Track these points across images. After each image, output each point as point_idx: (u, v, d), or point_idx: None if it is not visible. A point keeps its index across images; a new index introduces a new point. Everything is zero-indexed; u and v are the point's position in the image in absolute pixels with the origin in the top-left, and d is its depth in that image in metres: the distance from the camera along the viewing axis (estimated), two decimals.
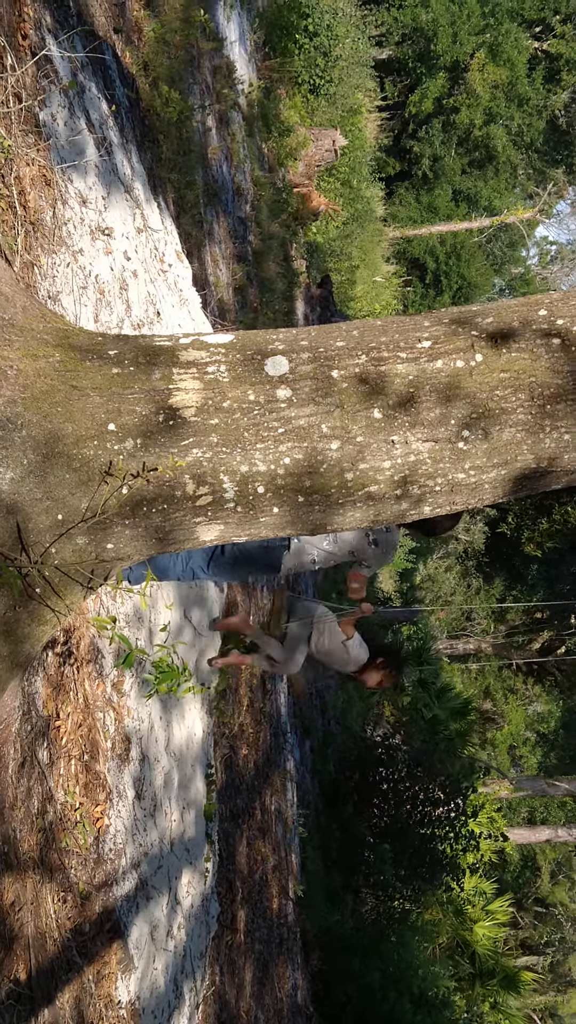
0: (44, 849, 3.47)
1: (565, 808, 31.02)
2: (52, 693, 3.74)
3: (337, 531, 2.60)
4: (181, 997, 5.03)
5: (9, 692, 3.08)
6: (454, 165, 35.73)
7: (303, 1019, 8.29)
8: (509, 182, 37.65)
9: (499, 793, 21.86)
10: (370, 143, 29.00)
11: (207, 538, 2.51)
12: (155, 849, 4.82)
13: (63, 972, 3.49)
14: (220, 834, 6.34)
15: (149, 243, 6.12)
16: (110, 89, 5.86)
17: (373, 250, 28.57)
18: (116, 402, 2.37)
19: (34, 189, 4.26)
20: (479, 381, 2.44)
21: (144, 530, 2.41)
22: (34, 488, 2.30)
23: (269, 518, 2.47)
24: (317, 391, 2.42)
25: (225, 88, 9.94)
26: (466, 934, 13.19)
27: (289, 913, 8.11)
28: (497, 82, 33.58)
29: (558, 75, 35.05)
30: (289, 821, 8.72)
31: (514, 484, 2.53)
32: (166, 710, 5.30)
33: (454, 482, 2.48)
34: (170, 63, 7.24)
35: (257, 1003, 6.74)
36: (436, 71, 33.28)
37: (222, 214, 9.14)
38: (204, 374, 2.43)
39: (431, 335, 2.50)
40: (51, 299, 4.27)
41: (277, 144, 13.73)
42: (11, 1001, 3.06)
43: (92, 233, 4.98)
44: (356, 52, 20.75)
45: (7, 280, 2.56)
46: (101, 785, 4.12)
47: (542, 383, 2.44)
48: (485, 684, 35.42)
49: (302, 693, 7.59)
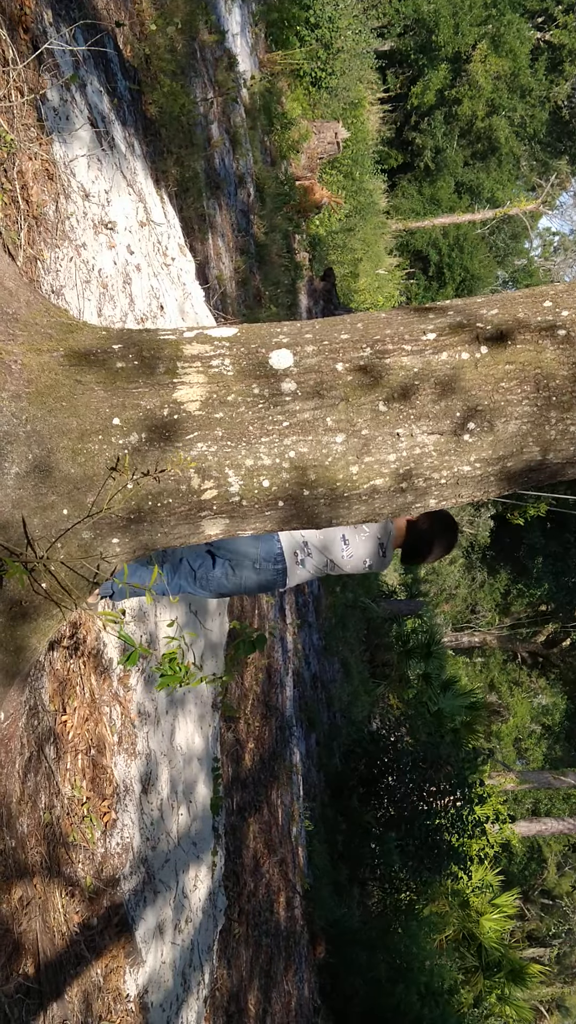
0: (51, 844, 3.48)
1: (570, 800, 31.06)
2: (58, 688, 3.74)
3: (344, 524, 2.59)
4: (189, 990, 5.04)
5: (16, 687, 3.08)
6: (456, 157, 35.65)
7: (310, 1012, 8.30)
8: (512, 173, 37.55)
9: (505, 786, 21.89)
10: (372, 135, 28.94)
11: (212, 532, 2.51)
12: (162, 843, 4.82)
13: (71, 966, 3.50)
14: (227, 828, 6.35)
15: (152, 236, 6.11)
16: (112, 83, 5.85)
17: (376, 243, 28.54)
18: (120, 396, 2.36)
19: (37, 183, 4.26)
20: (484, 373, 2.43)
21: (149, 524, 2.41)
22: (39, 483, 2.30)
23: (274, 511, 2.47)
24: (322, 384, 2.42)
25: (227, 81, 9.92)
26: (473, 927, 13.22)
27: (296, 906, 8.12)
28: (499, 73, 33.48)
29: (561, 66, 34.95)
30: (295, 814, 8.73)
31: (520, 476, 2.53)
32: (172, 704, 5.30)
33: (459, 474, 2.47)
34: (172, 56, 7.23)
35: (264, 996, 6.75)
36: (438, 62, 33.20)
37: (225, 207, 9.12)
38: (208, 368, 2.43)
39: (435, 327, 2.49)
40: (54, 293, 4.27)
41: (279, 137, 13.71)
42: (20, 995, 3.07)
43: (95, 227, 4.97)
44: (358, 44, 20.68)
45: (10, 275, 2.55)
46: (108, 780, 4.13)
47: (547, 374, 2.43)
48: (490, 677, 35.47)
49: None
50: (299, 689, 10.16)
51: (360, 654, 15.73)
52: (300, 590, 11.30)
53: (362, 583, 17.30)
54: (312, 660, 11.59)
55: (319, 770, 10.91)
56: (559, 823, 23.75)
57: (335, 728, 12.44)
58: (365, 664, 15.96)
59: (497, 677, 35.54)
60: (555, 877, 31.75)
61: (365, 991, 9.22)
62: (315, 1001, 8.61)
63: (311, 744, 10.57)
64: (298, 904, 8.21)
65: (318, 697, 11.61)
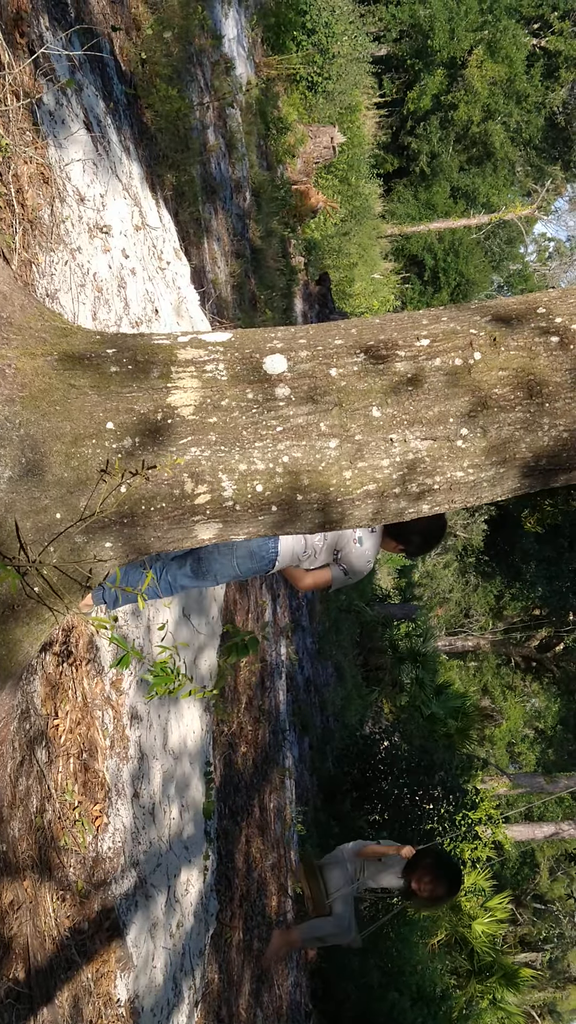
0: (43, 848, 3.47)
1: (563, 804, 31.06)
2: (51, 692, 3.74)
3: (337, 529, 2.59)
4: (180, 995, 5.03)
5: (7, 691, 3.08)
6: (452, 162, 35.69)
7: (302, 1016, 8.29)
8: (507, 179, 37.61)
9: (497, 790, 21.89)
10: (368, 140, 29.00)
11: (205, 536, 2.51)
12: (154, 847, 4.82)
13: (62, 971, 3.49)
14: (219, 832, 6.34)
15: (147, 240, 6.11)
16: (108, 86, 5.86)
17: (371, 247, 28.58)
18: (114, 401, 2.36)
19: (32, 187, 4.26)
20: (478, 379, 2.44)
21: (142, 529, 2.41)
22: (32, 487, 2.30)
23: (268, 516, 2.47)
24: (315, 389, 2.42)
25: (223, 86, 9.92)
26: (465, 931, 13.20)
27: (288, 911, 8.11)
28: (495, 79, 33.53)
29: (556, 72, 34.99)
30: (288, 818, 8.73)
31: (513, 482, 2.53)
32: (165, 708, 5.30)
33: (453, 480, 2.47)
34: (168, 60, 7.23)
35: (256, 1000, 6.74)
36: (434, 68, 33.24)
37: (220, 211, 9.13)
38: (202, 373, 2.43)
39: (429, 333, 2.50)
40: (49, 297, 4.27)
41: (275, 141, 13.72)
42: (10, 1000, 3.06)
43: (90, 231, 4.97)
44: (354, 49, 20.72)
45: (5, 278, 2.55)
46: (100, 784, 4.12)
47: (541, 380, 2.43)
48: (483, 681, 35.46)
49: (319, 910, 7.25)
50: (292, 693, 10.16)
51: (353, 658, 15.74)
52: (295, 593, 11.30)
53: (356, 587, 17.30)
54: (306, 664, 11.59)
55: (312, 774, 10.90)
56: (552, 827, 23.76)
57: (328, 732, 12.44)
58: (358, 668, 15.97)
59: (490, 681, 35.54)
60: (548, 881, 31.74)
61: (357, 996, 9.21)
62: (306, 1006, 8.60)
63: (304, 748, 10.57)
64: (290, 908, 8.20)
65: (311, 701, 11.61)
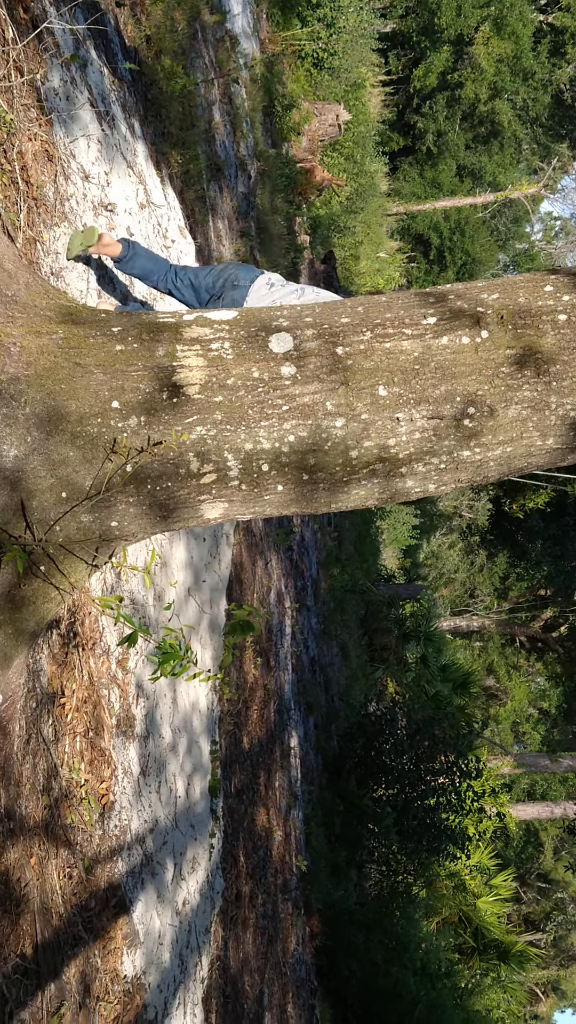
0: (49, 825, 3.49)
1: (567, 783, 31.18)
2: (57, 671, 3.74)
3: (342, 509, 2.58)
4: (186, 971, 5.07)
5: (14, 669, 3.08)
6: (458, 140, 35.46)
7: (307, 993, 8.35)
8: (514, 157, 37.38)
9: (501, 769, 21.95)
10: (374, 118, 28.76)
11: (212, 516, 2.50)
12: (160, 825, 4.84)
13: (69, 947, 3.52)
14: (225, 810, 6.37)
15: (152, 218, 6.08)
16: (112, 63, 5.81)
17: (377, 226, 28.41)
18: (120, 379, 2.35)
19: (36, 164, 4.23)
20: (485, 358, 2.42)
21: (148, 508, 2.40)
22: (38, 466, 2.29)
23: (273, 496, 2.46)
24: (322, 368, 2.41)
25: (228, 62, 9.85)
26: (469, 909, 13.28)
27: (293, 888, 8.16)
28: (502, 56, 33.26)
29: (563, 49, 34.71)
30: (293, 797, 8.76)
31: (520, 462, 2.52)
32: (171, 687, 5.31)
33: (459, 459, 2.46)
34: (172, 36, 7.17)
35: (261, 977, 6.79)
36: (440, 45, 32.95)
37: (225, 189, 9.07)
38: (208, 351, 2.42)
39: (436, 311, 2.48)
40: (54, 275, 4.25)
41: (281, 119, 13.62)
42: (18, 976, 3.08)
43: (95, 208, 4.94)
44: (360, 25, 20.51)
45: (10, 256, 2.54)
46: (106, 761, 4.14)
47: (548, 359, 2.42)
48: (488, 661, 35.53)
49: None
50: (297, 672, 10.18)
51: (358, 638, 15.76)
52: (300, 573, 11.31)
53: (361, 567, 17.32)
54: (311, 643, 11.61)
55: (317, 753, 10.94)
56: (556, 806, 23.85)
57: (333, 711, 12.47)
58: (363, 648, 16.00)
59: (496, 661, 35.61)
60: (551, 861, 31.90)
61: (362, 972, 9.27)
62: (312, 982, 8.66)
63: (309, 727, 10.60)
64: (295, 886, 8.25)
65: (316, 680, 11.63)
